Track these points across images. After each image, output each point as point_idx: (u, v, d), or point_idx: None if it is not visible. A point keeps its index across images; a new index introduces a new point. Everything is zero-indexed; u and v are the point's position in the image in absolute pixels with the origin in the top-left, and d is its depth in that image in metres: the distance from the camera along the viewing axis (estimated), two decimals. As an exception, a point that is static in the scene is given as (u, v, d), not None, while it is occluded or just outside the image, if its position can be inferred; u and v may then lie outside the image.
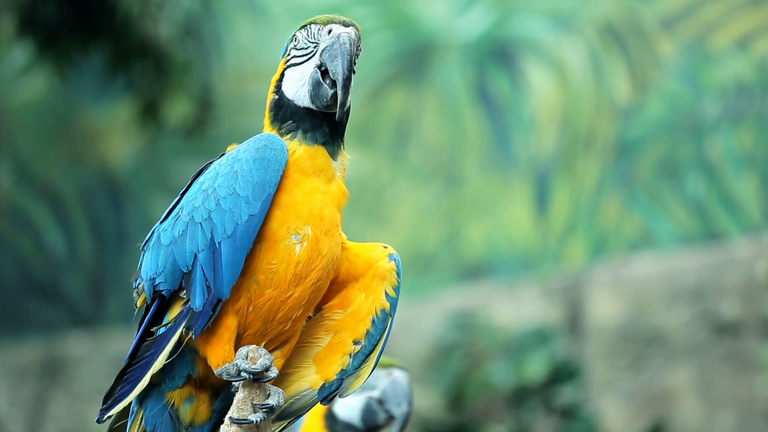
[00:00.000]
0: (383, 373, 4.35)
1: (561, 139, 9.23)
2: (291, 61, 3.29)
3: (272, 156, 3.19)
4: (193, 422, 3.30)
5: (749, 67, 9.05)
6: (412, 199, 9.33)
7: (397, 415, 4.33)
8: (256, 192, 3.17)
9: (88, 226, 9.64)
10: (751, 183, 8.98)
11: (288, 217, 3.19)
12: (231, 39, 9.58)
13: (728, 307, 8.46)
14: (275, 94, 3.29)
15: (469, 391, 8.60)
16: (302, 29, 3.29)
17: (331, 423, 4.31)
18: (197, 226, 3.19)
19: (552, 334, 8.59)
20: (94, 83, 9.55)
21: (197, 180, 3.29)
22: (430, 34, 9.41)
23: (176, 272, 3.20)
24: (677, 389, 8.49)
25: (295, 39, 3.30)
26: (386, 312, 3.35)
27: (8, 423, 9.19)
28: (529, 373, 8.51)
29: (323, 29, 3.26)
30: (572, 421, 8.47)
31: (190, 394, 3.28)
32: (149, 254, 3.26)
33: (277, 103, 3.29)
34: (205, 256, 3.17)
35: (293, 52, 3.29)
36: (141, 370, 3.22)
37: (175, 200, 3.31)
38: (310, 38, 3.27)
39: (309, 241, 3.20)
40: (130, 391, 3.22)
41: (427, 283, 9.20)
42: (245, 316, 3.20)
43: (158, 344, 3.21)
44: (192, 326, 3.17)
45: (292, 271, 3.19)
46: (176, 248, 3.20)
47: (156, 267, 3.22)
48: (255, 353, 3.15)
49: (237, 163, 3.20)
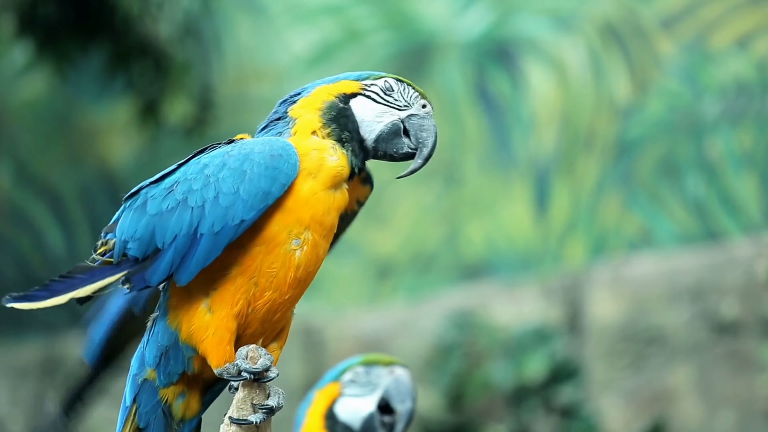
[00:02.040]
0: (385, 371, 4.35)
1: (561, 138, 9.23)
2: (370, 94, 3.31)
3: (285, 168, 3.15)
4: (184, 417, 3.30)
5: (749, 67, 9.05)
6: (412, 199, 9.33)
7: (401, 413, 4.33)
8: (258, 199, 3.13)
9: (88, 226, 9.64)
10: (751, 183, 8.98)
11: (290, 221, 3.17)
12: (231, 39, 9.58)
13: (728, 307, 8.46)
14: (339, 101, 3.29)
15: (469, 391, 8.60)
16: (397, 81, 3.34)
17: (331, 423, 4.31)
18: (188, 209, 3.15)
19: (552, 334, 8.59)
20: (94, 83, 9.55)
21: (200, 158, 3.24)
22: (430, 34, 9.41)
23: (151, 244, 3.17)
24: (677, 389, 8.49)
25: (386, 81, 3.32)
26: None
27: (8, 423, 9.19)
28: (529, 372, 8.51)
29: (420, 100, 3.35)
30: (572, 420, 8.47)
31: (182, 390, 3.28)
32: (131, 215, 3.21)
33: (341, 111, 3.28)
34: (183, 241, 3.14)
35: (375, 89, 3.32)
36: (65, 286, 3.20)
37: (171, 168, 3.25)
38: (404, 94, 3.34)
39: (308, 245, 3.18)
40: (44, 298, 3.19)
41: (427, 283, 9.20)
42: (245, 318, 3.19)
43: (93, 274, 3.20)
44: (132, 282, 3.17)
45: (292, 275, 3.18)
46: (159, 221, 3.16)
47: (134, 231, 3.18)
48: (255, 353, 3.15)
49: (248, 163, 3.16)
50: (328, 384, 4.33)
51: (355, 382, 4.32)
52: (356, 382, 4.32)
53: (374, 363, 4.36)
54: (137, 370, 3.27)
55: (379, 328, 8.91)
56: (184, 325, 3.20)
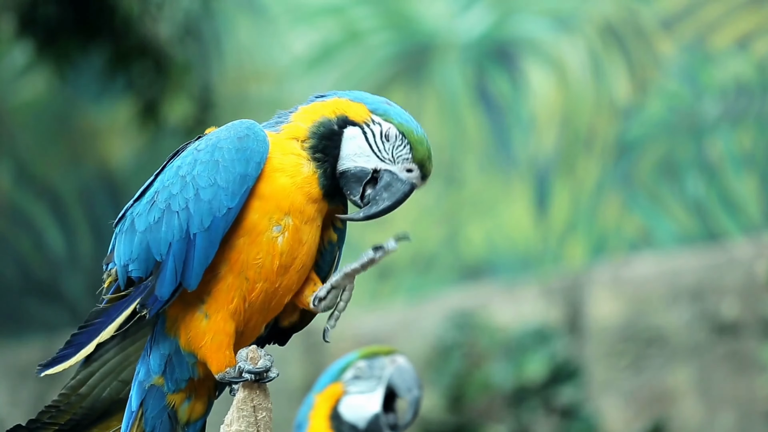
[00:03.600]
0: (387, 360, 4.34)
1: (561, 139, 9.23)
2: (368, 131, 3.20)
3: (255, 147, 3.13)
4: (189, 420, 3.30)
5: (749, 67, 9.06)
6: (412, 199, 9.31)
7: (409, 401, 4.33)
8: (237, 184, 3.11)
9: (88, 226, 9.64)
10: (751, 183, 8.98)
11: (269, 207, 3.15)
12: (231, 39, 9.58)
13: (728, 307, 8.46)
14: (336, 123, 3.20)
15: (469, 391, 8.60)
16: (400, 135, 3.21)
17: (336, 424, 4.29)
18: (174, 214, 3.13)
19: (552, 334, 8.59)
20: (94, 83, 9.55)
21: (173, 163, 3.21)
22: (430, 34, 9.41)
23: (149, 260, 3.16)
24: (677, 389, 8.49)
25: (390, 128, 3.21)
26: (333, 243, 3.35)
27: (8, 423, 9.18)
28: (529, 373, 8.51)
29: (409, 163, 3.20)
30: (572, 421, 8.47)
31: (189, 394, 3.28)
32: (123, 238, 3.21)
33: (331, 133, 3.20)
34: (179, 246, 3.12)
35: (377, 129, 3.21)
36: (87, 336, 3.21)
37: (149, 181, 3.24)
38: (396, 149, 3.20)
39: (290, 231, 3.16)
40: (72, 354, 3.23)
41: (427, 283, 9.20)
42: (242, 314, 3.19)
43: (109, 314, 3.20)
44: (147, 305, 3.15)
45: (278, 262, 3.16)
46: (151, 236, 3.15)
47: (130, 253, 3.18)
48: (255, 353, 3.15)
49: (218, 152, 3.14)
50: (328, 385, 4.31)
51: (359, 378, 4.30)
52: (360, 377, 4.30)
53: (375, 354, 4.35)
54: (144, 377, 3.26)
55: (379, 328, 8.91)
56: (182, 332, 3.20)
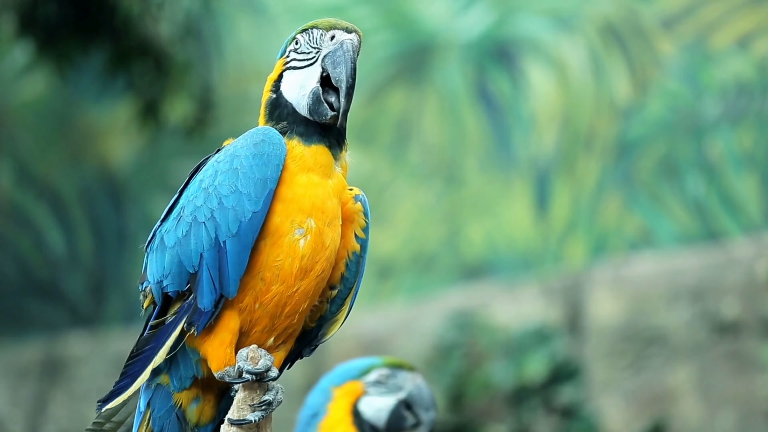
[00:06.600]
0: (410, 376, 4.42)
1: (561, 139, 9.23)
2: (291, 64, 3.28)
3: (271, 151, 3.18)
4: (198, 422, 3.30)
5: (749, 67, 9.05)
6: (412, 199, 9.33)
7: (425, 421, 4.40)
8: (258, 188, 3.15)
9: (88, 226, 9.64)
10: (751, 183, 8.98)
11: (291, 210, 3.18)
12: (231, 39, 9.58)
13: (728, 307, 8.46)
14: (272, 93, 3.29)
15: (469, 391, 8.60)
16: (303, 33, 3.28)
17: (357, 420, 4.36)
18: (201, 225, 3.17)
19: (552, 334, 8.59)
20: (95, 83, 9.55)
21: (195, 177, 3.27)
22: (430, 34, 9.41)
23: (183, 273, 3.19)
24: (677, 389, 8.49)
25: (296, 41, 3.29)
26: (357, 254, 3.35)
27: (8, 423, 9.19)
28: (529, 372, 8.51)
29: (326, 35, 3.27)
30: (572, 420, 8.47)
31: (196, 394, 3.28)
32: (154, 256, 3.24)
33: (275, 102, 3.28)
34: (210, 255, 3.15)
35: (293, 54, 3.29)
36: (141, 364, 3.22)
37: (174, 198, 3.29)
38: (311, 43, 3.27)
39: (312, 234, 3.18)
40: (129, 385, 3.22)
41: (427, 283, 9.20)
42: (252, 314, 3.19)
43: (158, 338, 3.21)
44: (194, 322, 3.17)
45: (297, 265, 3.18)
46: (181, 249, 3.19)
47: (162, 269, 3.21)
48: (255, 353, 3.15)
49: (236, 160, 3.19)
50: (348, 381, 4.38)
51: (381, 383, 4.38)
52: (381, 383, 4.38)
53: (399, 366, 4.44)
54: (150, 376, 3.26)
55: (380, 328, 8.91)
56: None
